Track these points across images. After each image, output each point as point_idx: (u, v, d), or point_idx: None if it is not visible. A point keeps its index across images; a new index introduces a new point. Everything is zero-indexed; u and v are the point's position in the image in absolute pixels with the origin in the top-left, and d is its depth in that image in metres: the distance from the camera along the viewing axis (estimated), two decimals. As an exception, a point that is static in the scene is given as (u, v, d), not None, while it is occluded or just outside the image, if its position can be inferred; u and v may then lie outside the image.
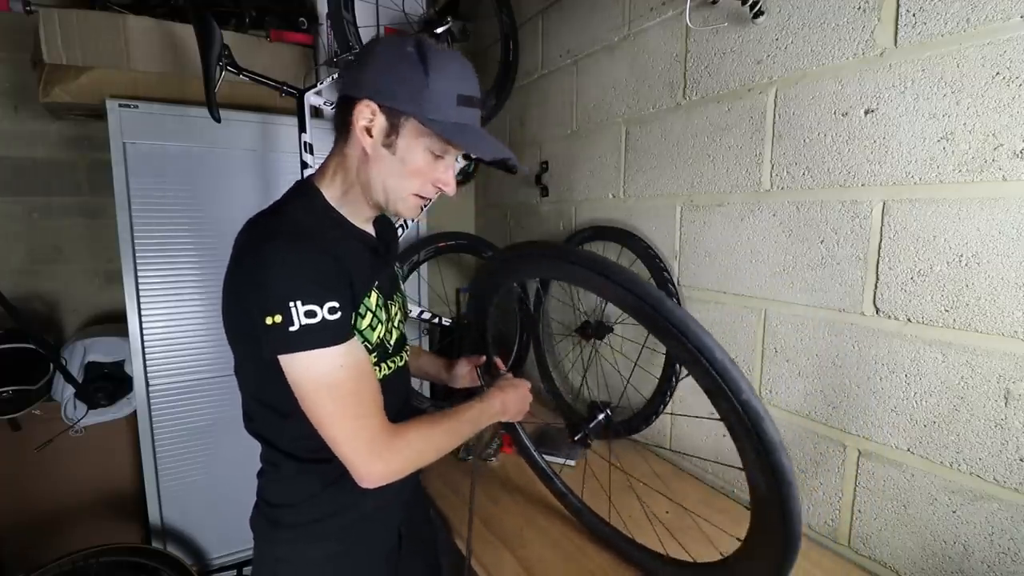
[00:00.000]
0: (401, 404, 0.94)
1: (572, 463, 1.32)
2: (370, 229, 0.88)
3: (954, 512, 0.84)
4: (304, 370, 0.68)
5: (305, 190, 0.83)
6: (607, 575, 0.95)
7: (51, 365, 1.56)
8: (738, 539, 0.75)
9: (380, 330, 0.82)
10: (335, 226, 0.80)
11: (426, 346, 2.03)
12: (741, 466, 0.68)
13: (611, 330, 1.50)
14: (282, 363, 0.69)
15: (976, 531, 0.82)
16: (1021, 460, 0.77)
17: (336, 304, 0.68)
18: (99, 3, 1.51)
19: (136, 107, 1.42)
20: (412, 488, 0.97)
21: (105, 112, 1.40)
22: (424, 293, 2.00)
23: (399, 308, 0.93)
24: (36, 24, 1.32)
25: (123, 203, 1.43)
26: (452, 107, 0.74)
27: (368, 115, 0.75)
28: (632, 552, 0.95)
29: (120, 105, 1.41)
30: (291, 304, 0.66)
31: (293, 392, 0.71)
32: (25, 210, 1.70)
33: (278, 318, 0.66)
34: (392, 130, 0.75)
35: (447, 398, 2.01)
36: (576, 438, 1.04)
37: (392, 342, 0.88)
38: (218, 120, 1.26)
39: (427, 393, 2.00)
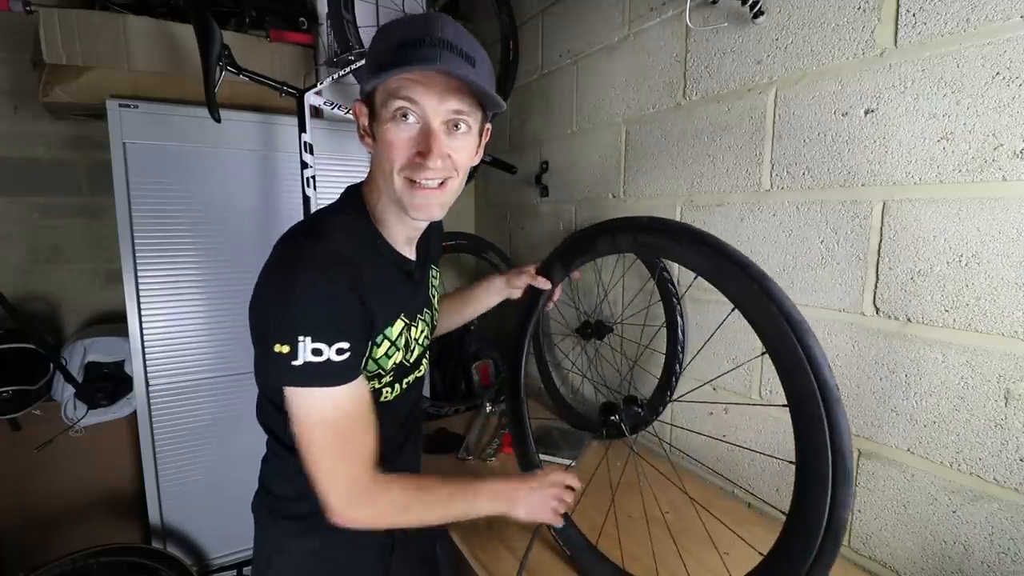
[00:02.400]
0: (409, 411, 0.95)
1: (572, 463, 1.32)
2: (411, 251, 0.86)
3: (954, 512, 0.85)
4: (300, 405, 0.68)
5: (353, 203, 0.81)
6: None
7: (51, 365, 1.56)
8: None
9: (397, 356, 0.82)
10: (373, 251, 0.78)
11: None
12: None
13: (611, 330, 1.50)
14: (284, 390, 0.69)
15: (976, 531, 0.82)
16: (1021, 460, 0.77)
17: (346, 346, 0.68)
18: (99, 3, 1.51)
19: (136, 107, 1.42)
20: None
21: (105, 112, 1.40)
22: (424, 293, 2.00)
23: (427, 324, 0.91)
24: (36, 24, 1.32)
25: (123, 203, 1.43)
26: (392, 55, 0.67)
27: (359, 114, 0.76)
28: None
29: (120, 105, 1.40)
30: (300, 339, 0.65)
31: None
32: (25, 210, 1.70)
33: (286, 348, 0.66)
34: (372, 118, 0.73)
35: (448, 398, 2.01)
36: (610, 418, 0.98)
37: (412, 360, 0.87)
38: (218, 120, 1.26)
39: (426, 392, 2.00)
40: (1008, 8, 0.73)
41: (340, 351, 0.67)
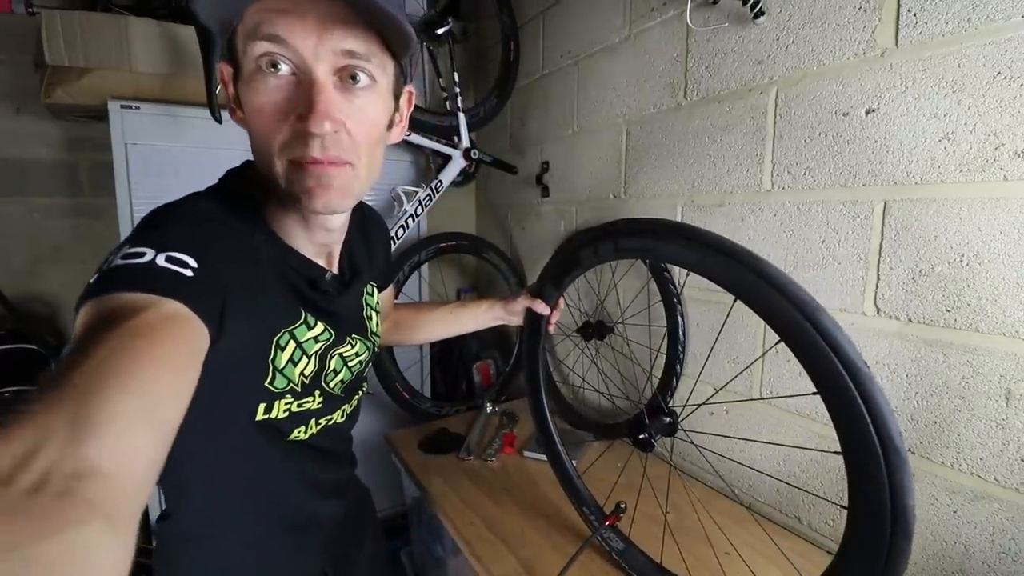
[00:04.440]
0: (329, 478, 0.77)
1: (573, 463, 1.31)
2: (327, 264, 0.68)
3: (955, 512, 0.84)
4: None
5: (234, 188, 0.62)
6: (604, 570, 0.95)
7: (52, 365, 1.56)
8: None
9: (305, 365, 0.63)
10: (260, 243, 0.59)
11: (427, 356, 2.02)
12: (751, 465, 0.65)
13: (612, 330, 1.50)
14: None
15: (977, 531, 0.82)
16: (1022, 460, 0.76)
17: (191, 261, 0.45)
18: (101, 5, 1.51)
19: (138, 108, 1.43)
20: (340, 524, 0.82)
21: (107, 113, 1.40)
22: (425, 294, 2.00)
23: (367, 349, 0.77)
24: (38, 26, 1.32)
25: (124, 204, 1.43)
26: None
27: (225, 79, 0.57)
28: None
29: (122, 106, 1.41)
30: (121, 248, 0.46)
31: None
32: (26, 211, 1.70)
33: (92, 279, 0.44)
34: (238, 79, 0.54)
35: (449, 398, 2.01)
36: (640, 437, 0.88)
37: (338, 385, 0.71)
38: (219, 121, 1.26)
39: (427, 393, 2.00)
40: (1009, 7, 0.73)
41: (173, 260, 0.44)
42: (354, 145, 0.53)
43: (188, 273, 0.44)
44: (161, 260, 0.43)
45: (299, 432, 0.66)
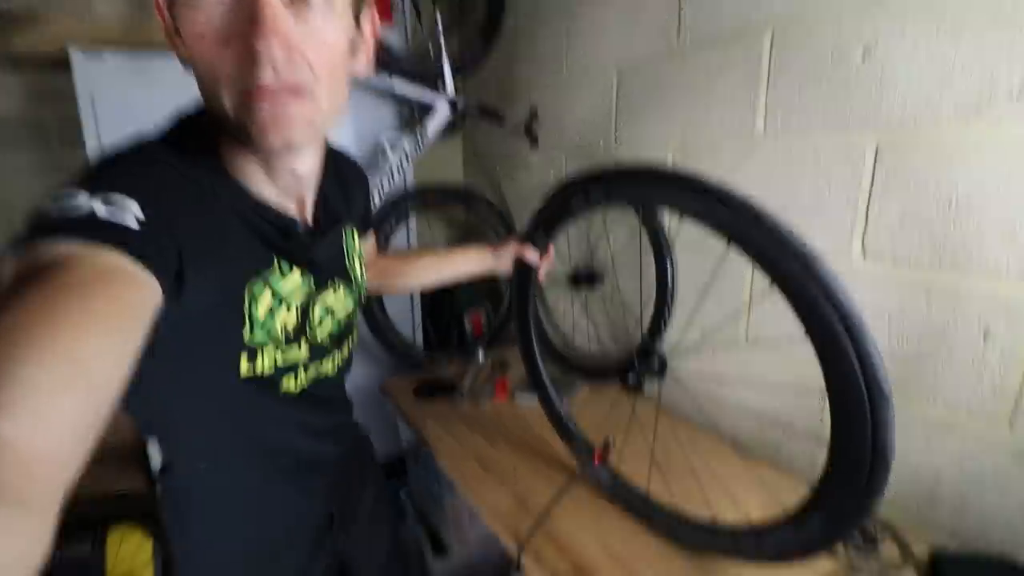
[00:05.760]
0: (326, 423, 0.77)
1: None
2: (295, 210, 0.62)
3: (927, 442, 0.90)
4: None
5: (187, 132, 0.56)
6: (595, 503, 1.00)
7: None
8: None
9: (286, 315, 0.61)
10: (226, 190, 0.55)
11: (419, 307, 2.02)
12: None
13: (601, 278, 1.52)
14: None
15: (947, 459, 0.87)
16: (993, 394, 0.81)
17: (135, 208, 0.41)
18: (51, -60, 1.40)
19: (103, 57, 1.35)
20: (341, 466, 0.83)
21: (69, 62, 1.33)
22: (413, 246, 1.98)
23: (351, 296, 0.74)
24: (-14, -35, 1.23)
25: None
26: None
27: (160, 4, 0.49)
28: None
29: (84, 55, 1.33)
30: (58, 194, 0.41)
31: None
32: (-6, 168, 1.63)
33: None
34: (171, 4, 0.47)
35: (442, 347, 2.03)
36: (630, 377, 0.91)
37: (324, 335, 0.69)
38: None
39: (420, 342, 2.02)
40: (1013, -60, 0.71)
41: (115, 205, 0.40)
42: (312, 72, 0.47)
43: (132, 220, 0.40)
44: (100, 206, 0.39)
45: (289, 383, 0.65)
